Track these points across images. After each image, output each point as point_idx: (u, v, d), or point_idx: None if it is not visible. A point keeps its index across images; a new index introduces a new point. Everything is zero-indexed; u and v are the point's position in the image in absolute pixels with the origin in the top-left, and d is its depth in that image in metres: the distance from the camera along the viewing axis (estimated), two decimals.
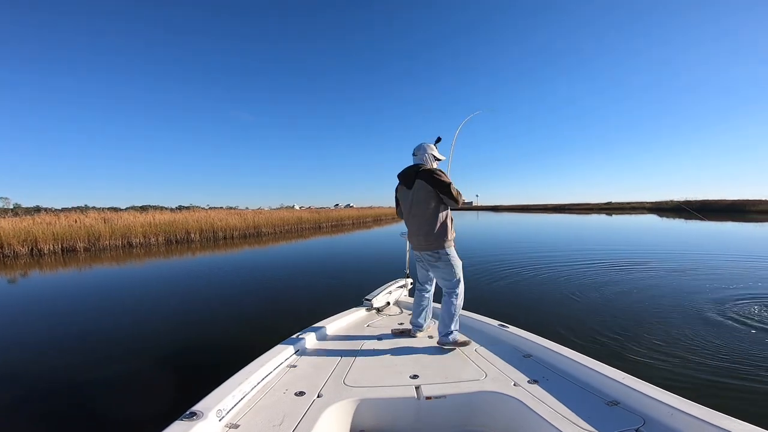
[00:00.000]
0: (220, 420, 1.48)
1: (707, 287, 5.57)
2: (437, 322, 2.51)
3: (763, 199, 43.63)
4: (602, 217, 33.12)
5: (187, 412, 1.42)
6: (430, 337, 2.49)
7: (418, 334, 2.58)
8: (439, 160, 2.60)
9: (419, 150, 2.56)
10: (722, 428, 1.25)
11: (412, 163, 2.58)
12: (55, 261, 11.33)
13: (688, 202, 52.51)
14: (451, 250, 2.44)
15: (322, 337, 2.50)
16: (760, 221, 23.80)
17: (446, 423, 1.71)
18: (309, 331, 2.45)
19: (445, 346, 2.29)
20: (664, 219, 28.42)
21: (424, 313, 2.62)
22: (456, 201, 2.40)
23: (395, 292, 3.38)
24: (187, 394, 1.83)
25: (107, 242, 14.15)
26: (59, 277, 8.89)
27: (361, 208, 50.67)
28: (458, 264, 2.45)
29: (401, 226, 2.78)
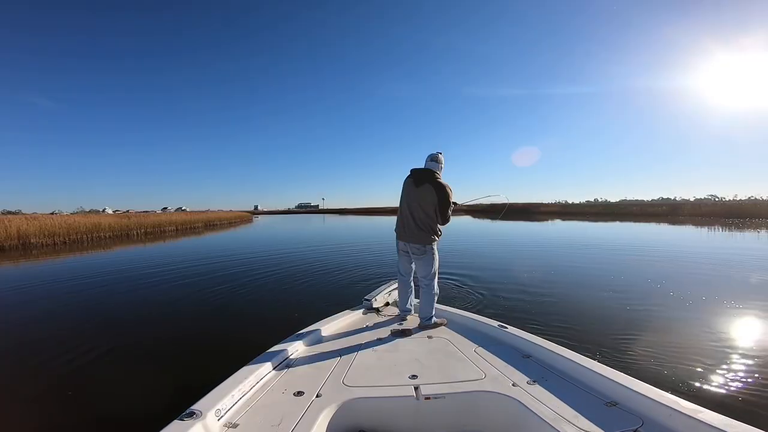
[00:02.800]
0: (218, 419, 1.47)
1: (705, 286, 5.64)
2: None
3: (546, 202, 58.34)
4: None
5: (186, 412, 1.42)
6: (429, 337, 2.49)
7: (408, 317, 2.91)
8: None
9: (435, 159, 2.83)
10: (721, 429, 1.26)
11: (424, 163, 2.86)
12: None
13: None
14: (436, 247, 2.82)
15: (322, 337, 2.49)
16: (544, 220, 30.01)
17: (445, 423, 1.71)
18: (308, 331, 2.44)
19: (427, 327, 2.65)
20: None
21: (409, 299, 3.00)
22: (445, 220, 2.77)
23: (395, 292, 3.36)
24: (186, 393, 1.81)
25: None
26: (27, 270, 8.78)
27: (194, 212, 47.85)
28: (437, 259, 2.83)
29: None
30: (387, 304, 3.28)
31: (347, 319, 2.84)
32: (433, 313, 2.72)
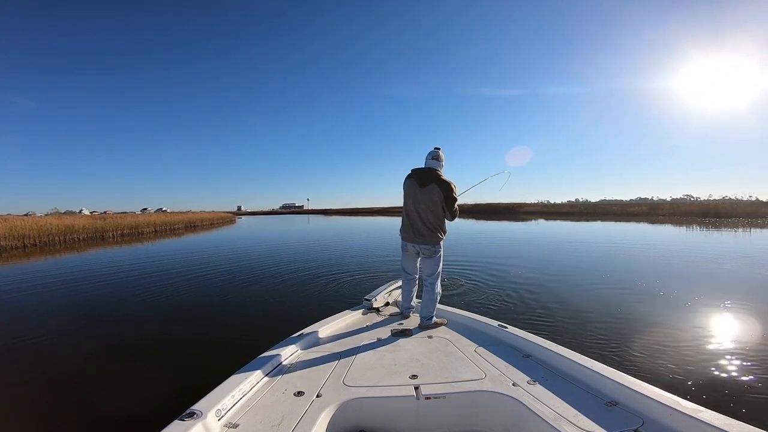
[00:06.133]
0: (219, 419, 1.47)
1: (702, 285, 5.72)
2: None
3: (529, 202, 59.61)
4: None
5: (186, 412, 1.41)
6: (430, 337, 2.49)
7: (410, 315, 2.95)
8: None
9: (436, 157, 2.82)
10: (721, 428, 1.27)
11: (424, 162, 2.86)
12: None
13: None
14: (442, 246, 2.84)
15: (322, 337, 2.48)
16: (527, 220, 30.62)
17: (445, 423, 1.71)
18: (308, 331, 2.43)
19: (428, 327, 2.65)
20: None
21: (411, 297, 3.01)
22: (453, 216, 2.78)
23: (395, 292, 3.37)
24: (186, 393, 1.80)
25: None
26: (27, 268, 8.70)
27: (174, 213, 47.41)
28: (443, 259, 2.86)
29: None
30: (387, 304, 3.27)
31: (347, 319, 2.83)
32: (434, 312, 2.72)
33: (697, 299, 4.96)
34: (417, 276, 2.99)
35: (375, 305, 3.10)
